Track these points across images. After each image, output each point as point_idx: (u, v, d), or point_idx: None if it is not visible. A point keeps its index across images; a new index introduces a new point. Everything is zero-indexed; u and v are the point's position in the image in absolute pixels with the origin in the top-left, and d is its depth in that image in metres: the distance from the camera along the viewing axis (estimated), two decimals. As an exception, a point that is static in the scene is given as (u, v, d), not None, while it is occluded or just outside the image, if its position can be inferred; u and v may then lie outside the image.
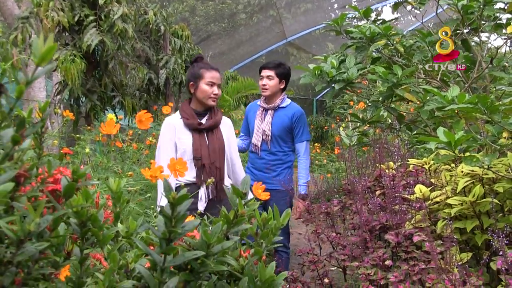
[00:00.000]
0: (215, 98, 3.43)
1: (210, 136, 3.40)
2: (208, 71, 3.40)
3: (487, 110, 2.37)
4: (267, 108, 4.33)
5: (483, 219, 2.55)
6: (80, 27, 5.56)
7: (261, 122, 4.32)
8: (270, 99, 4.33)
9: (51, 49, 0.63)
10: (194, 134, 3.34)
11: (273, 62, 4.41)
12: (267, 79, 4.30)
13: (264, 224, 0.90)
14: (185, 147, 3.32)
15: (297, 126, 4.30)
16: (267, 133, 4.26)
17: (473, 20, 3.40)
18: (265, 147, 4.31)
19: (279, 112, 4.31)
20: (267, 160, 4.30)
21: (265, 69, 4.34)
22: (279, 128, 4.26)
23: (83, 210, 0.82)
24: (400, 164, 3.40)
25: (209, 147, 3.35)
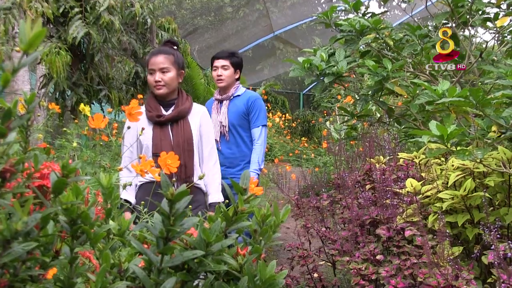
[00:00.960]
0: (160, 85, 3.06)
1: (174, 128, 3.08)
2: (150, 58, 3.09)
3: (479, 103, 2.36)
4: (221, 99, 4.17)
5: (474, 213, 2.54)
6: (65, 19, 5.47)
7: (218, 115, 4.14)
8: (225, 89, 4.17)
9: (39, 34, 0.59)
10: (155, 128, 3.05)
11: (225, 51, 4.23)
12: (222, 69, 4.14)
13: (263, 221, 0.87)
14: (147, 142, 3.03)
15: (252, 110, 4.14)
16: (224, 124, 4.10)
17: (462, 13, 3.39)
18: (224, 140, 4.14)
19: (234, 100, 4.17)
20: (228, 154, 4.12)
21: (218, 59, 4.17)
22: (236, 116, 4.11)
23: (73, 207, 0.78)
24: (390, 158, 3.39)
25: (172, 141, 3.04)
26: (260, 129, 4.13)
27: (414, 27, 3.52)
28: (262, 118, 4.16)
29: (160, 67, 3.03)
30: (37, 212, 0.75)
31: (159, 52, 3.09)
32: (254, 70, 16.71)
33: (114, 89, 6.12)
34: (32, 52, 0.59)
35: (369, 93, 3.65)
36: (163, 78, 3.04)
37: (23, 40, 0.59)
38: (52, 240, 0.78)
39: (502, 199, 2.56)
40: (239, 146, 4.13)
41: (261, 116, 4.16)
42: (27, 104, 1.05)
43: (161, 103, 3.12)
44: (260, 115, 4.15)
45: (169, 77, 3.06)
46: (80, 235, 0.81)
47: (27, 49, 0.59)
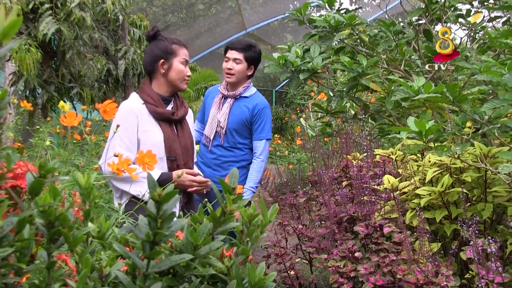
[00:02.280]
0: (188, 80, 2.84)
1: (179, 129, 2.78)
2: (181, 48, 2.77)
3: (456, 99, 2.36)
4: (226, 95, 3.64)
5: (451, 209, 2.55)
6: (35, 15, 5.33)
7: (218, 111, 3.63)
8: (233, 86, 3.63)
9: (15, 23, 0.54)
10: (165, 126, 2.69)
11: (242, 42, 3.65)
12: (234, 62, 3.57)
13: (250, 221, 0.83)
14: (154, 143, 2.62)
15: (257, 120, 3.62)
16: (222, 125, 3.60)
17: (435, 10, 3.41)
18: (218, 140, 3.63)
19: (240, 101, 3.63)
20: (218, 156, 3.63)
21: (232, 49, 3.60)
22: (236, 121, 3.59)
23: (50, 209, 0.73)
24: (366, 154, 3.38)
25: (180, 143, 2.75)
26: (264, 143, 3.67)
27: (388, 23, 3.53)
28: (267, 130, 3.68)
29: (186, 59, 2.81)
30: (13, 215, 0.70)
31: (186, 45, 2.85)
32: (227, 67, 16.59)
33: (86, 87, 6.01)
34: (6, 43, 0.55)
35: (344, 90, 3.64)
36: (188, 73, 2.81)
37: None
38: (28, 245, 0.73)
39: (479, 194, 2.58)
40: (232, 151, 3.65)
41: (267, 128, 3.68)
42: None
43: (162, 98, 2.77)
44: (265, 126, 3.67)
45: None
46: (58, 238, 0.77)
47: (1, 40, 0.54)
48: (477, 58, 3.53)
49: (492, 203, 2.48)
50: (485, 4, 3.53)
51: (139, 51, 7.06)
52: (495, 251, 2.11)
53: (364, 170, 3.09)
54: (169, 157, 2.67)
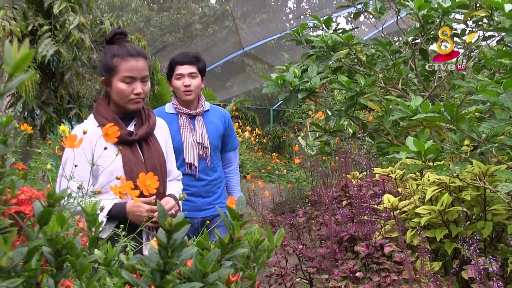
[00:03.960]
0: (139, 98, 2.38)
1: (145, 149, 2.44)
2: (124, 61, 2.32)
3: (453, 118, 2.38)
4: (195, 114, 3.35)
5: (451, 228, 2.55)
6: (34, 37, 5.37)
7: (192, 134, 3.31)
8: (192, 103, 3.36)
9: (27, 56, 0.55)
10: (124, 149, 2.35)
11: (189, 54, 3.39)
12: (190, 77, 3.32)
13: (256, 246, 0.84)
14: (113, 168, 2.28)
15: (229, 130, 3.52)
16: (206, 145, 3.32)
17: (431, 29, 3.44)
18: (203, 164, 3.34)
19: (206, 117, 3.42)
20: (209, 181, 3.36)
21: (183, 64, 3.32)
22: (216, 136, 3.40)
23: (58, 238, 0.74)
24: (366, 173, 3.40)
25: (146, 165, 2.41)
26: (236, 152, 3.62)
27: (385, 42, 3.56)
28: (236, 138, 3.63)
29: (143, 75, 2.37)
30: (21, 246, 0.70)
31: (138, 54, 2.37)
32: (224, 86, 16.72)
33: (84, 108, 6.03)
34: (18, 75, 0.56)
35: (343, 109, 3.66)
36: (144, 89, 2.40)
37: (9, 63, 0.55)
38: (35, 274, 0.74)
39: (478, 212, 2.59)
40: (215, 171, 3.44)
41: (235, 136, 3.62)
42: (3, 127, 1.01)
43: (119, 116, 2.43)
44: (234, 134, 3.60)
45: (148, 87, 2.45)
46: (65, 267, 0.77)
47: (13, 72, 0.56)
48: (473, 76, 3.56)
49: (492, 221, 2.49)
50: (479, 24, 3.57)
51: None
52: (496, 270, 2.11)
53: (364, 189, 3.10)
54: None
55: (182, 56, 3.37)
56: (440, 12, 3.23)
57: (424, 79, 3.87)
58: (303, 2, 19.93)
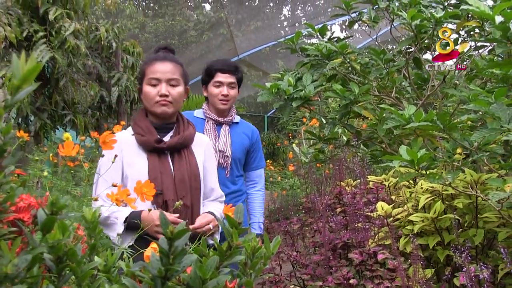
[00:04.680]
0: (167, 101, 2.32)
1: (177, 159, 2.35)
2: (150, 65, 2.34)
3: (446, 127, 2.41)
4: (223, 121, 3.28)
5: (444, 235, 2.58)
6: (29, 43, 5.39)
7: (215, 140, 3.20)
8: (225, 112, 3.31)
9: (34, 69, 0.58)
10: (151, 157, 2.30)
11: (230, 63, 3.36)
12: (229, 87, 3.26)
13: (253, 253, 0.86)
14: (138, 176, 2.17)
15: (256, 148, 3.42)
16: (227, 154, 3.20)
17: (424, 39, 3.48)
18: (222, 174, 3.18)
19: (234, 128, 3.36)
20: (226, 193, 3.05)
21: (224, 72, 3.25)
22: (240, 149, 3.30)
23: (59, 245, 0.76)
24: (359, 181, 3.42)
25: (174, 175, 2.31)
26: (262, 172, 3.46)
27: (379, 51, 3.60)
28: (263, 158, 3.49)
29: (169, 78, 2.32)
30: (25, 253, 0.72)
31: (165, 58, 2.37)
32: (219, 93, 16.66)
33: (79, 114, 6.05)
34: (26, 87, 0.59)
35: (337, 117, 3.69)
36: (171, 92, 2.32)
37: (17, 75, 0.58)
38: (37, 280, 0.76)
39: (470, 220, 2.62)
40: (235, 184, 3.28)
41: (262, 156, 3.48)
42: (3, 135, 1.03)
43: (156, 127, 2.39)
44: (261, 154, 3.47)
45: (178, 92, 2.35)
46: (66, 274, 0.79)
47: (21, 84, 0.58)
48: (465, 85, 3.60)
49: (483, 229, 2.52)
50: (471, 34, 3.62)
51: (132, 78, 7.12)
52: (487, 277, 2.14)
53: (358, 196, 3.13)
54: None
55: (223, 63, 3.31)
56: (433, 22, 3.27)
57: (418, 87, 3.90)
58: (298, 10, 20.03)
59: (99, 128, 6.88)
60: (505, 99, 2.41)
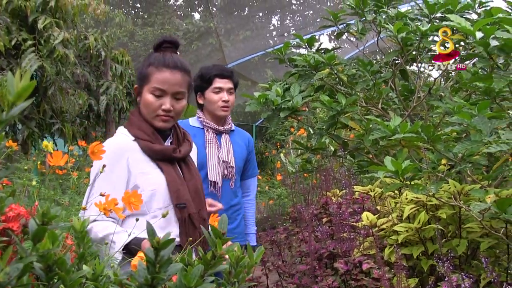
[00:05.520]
0: (167, 116, 2.10)
1: (185, 169, 2.19)
2: (158, 71, 2.07)
3: (430, 139, 2.46)
4: (223, 130, 3.14)
5: (428, 245, 2.62)
6: (17, 51, 5.39)
7: (218, 150, 3.04)
8: (223, 119, 3.19)
9: (28, 86, 0.60)
10: (166, 167, 2.09)
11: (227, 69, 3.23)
12: (228, 93, 3.14)
13: (237, 262, 0.89)
14: (154, 187, 2.04)
15: (252, 156, 3.33)
16: (232, 165, 3.06)
17: (410, 51, 3.54)
18: (227, 186, 3.05)
19: (232, 137, 3.23)
20: (231, 206, 3.07)
21: (223, 78, 3.13)
22: (241, 158, 3.19)
23: (50, 254, 0.78)
24: (345, 191, 3.46)
25: (188, 187, 2.13)
26: (255, 180, 3.38)
27: (366, 62, 3.65)
28: (256, 165, 3.40)
29: (176, 91, 2.09)
30: (16, 261, 0.75)
31: (175, 66, 2.10)
32: (207, 102, 16.68)
33: (67, 123, 6.04)
34: (20, 103, 0.61)
35: (324, 127, 3.73)
36: (175, 106, 2.11)
37: (11, 92, 0.60)
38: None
39: (454, 230, 2.66)
40: (237, 196, 3.17)
41: (256, 163, 3.40)
42: (-7, 145, 1.05)
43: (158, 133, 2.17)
44: (255, 161, 3.38)
45: (182, 106, 2.15)
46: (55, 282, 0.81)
47: (15, 101, 0.60)
48: (450, 97, 3.65)
49: (467, 239, 2.56)
50: (456, 47, 3.68)
51: (120, 86, 7.13)
52: (468, 286, 2.17)
53: (344, 207, 3.17)
54: (177, 204, 2.05)
55: (221, 69, 3.18)
56: (419, 35, 3.32)
57: (404, 99, 3.96)
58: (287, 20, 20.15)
59: (87, 137, 6.88)
60: (488, 111, 2.46)
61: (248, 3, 16.81)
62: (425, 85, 3.90)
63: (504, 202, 2.09)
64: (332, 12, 3.92)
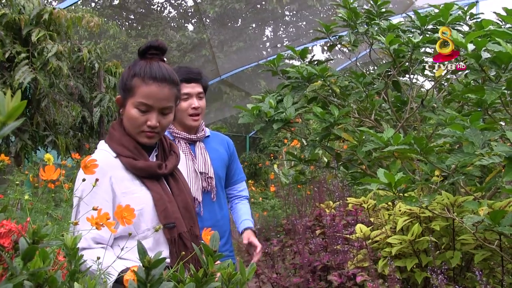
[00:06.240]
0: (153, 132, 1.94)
1: (173, 184, 2.02)
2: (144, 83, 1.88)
3: (422, 151, 2.46)
4: (196, 139, 2.81)
5: (421, 257, 2.61)
6: (10, 63, 5.38)
7: (193, 162, 2.75)
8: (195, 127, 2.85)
9: (19, 106, 0.60)
10: (151, 184, 1.94)
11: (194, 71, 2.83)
12: (198, 98, 2.79)
13: (229, 279, 0.88)
14: (142, 207, 1.88)
15: (234, 159, 3.01)
16: (210, 175, 2.76)
17: (403, 62, 3.56)
18: (209, 199, 2.77)
19: (209, 143, 2.91)
20: (215, 221, 2.76)
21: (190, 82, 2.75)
22: (221, 165, 2.87)
23: (40, 273, 0.77)
24: (339, 203, 3.46)
25: (177, 202, 1.98)
26: (245, 184, 3.11)
27: (359, 74, 3.66)
28: (242, 170, 3.12)
29: (163, 106, 1.92)
30: (6, 281, 0.74)
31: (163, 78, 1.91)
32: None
33: (60, 135, 6.02)
34: (11, 123, 0.61)
35: (317, 139, 3.73)
36: (161, 122, 1.94)
37: (3, 112, 0.60)
38: (17, 307, 0.77)
39: (447, 242, 2.66)
40: (222, 208, 2.86)
41: (241, 168, 3.12)
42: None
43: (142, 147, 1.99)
44: (240, 165, 3.11)
45: (169, 120, 1.99)
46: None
47: (6, 121, 0.60)
48: (443, 108, 3.67)
49: (461, 251, 2.56)
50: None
51: (114, 98, 7.12)
52: (463, 299, 2.17)
53: (337, 219, 3.16)
54: (166, 224, 1.90)
55: (187, 71, 2.78)
56: (411, 47, 3.34)
57: (397, 110, 3.97)
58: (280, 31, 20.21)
59: (80, 149, 6.85)
60: (480, 123, 2.47)
61: (241, 15, 16.87)
62: (417, 96, 3.92)
63: (497, 214, 2.10)
64: (324, 24, 3.94)
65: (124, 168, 1.93)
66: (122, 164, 1.93)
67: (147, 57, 1.97)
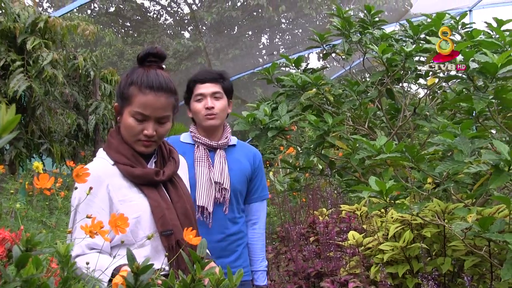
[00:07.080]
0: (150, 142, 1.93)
1: (172, 191, 2.00)
2: (140, 92, 1.87)
3: (414, 159, 2.49)
4: (216, 146, 2.67)
5: (413, 263, 2.64)
6: (5, 72, 5.39)
7: (209, 170, 2.60)
8: (215, 131, 2.71)
9: (14, 120, 0.63)
10: (149, 192, 1.92)
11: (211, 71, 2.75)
12: (213, 98, 2.66)
13: (217, 285, 0.91)
14: (140, 214, 1.87)
15: (258, 175, 2.81)
16: (225, 186, 2.60)
17: (396, 71, 3.59)
18: (220, 212, 2.61)
19: (231, 153, 2.74)
20: (226, 236, 2.62)
21: (204, 82, 2.66)
22: (240, 178, 2.69)
23: (33, 279, 0.79)
24: (332, 210, 3.49)
25: (176, 209, 1.96)
26: (264, 205, 2.86)
27: (353, 82, 3.70)
28: (266, 187, 2.88)
29: (160, 116, 1.92)
30: (1, 287, 0.76)
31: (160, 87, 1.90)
32: (197, 120, 16.71)
33: (55, 143, 6.03)
34: (5, 135, 0.63)
35: (311, 147, 3.76)
36: (158, 131, 1.94)
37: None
38: (11, 313, 0.79)
39: (439, 249, 2.68)
40: (235, 223, 2.69)
41: (265, 184, 2.87)
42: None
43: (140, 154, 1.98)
44: (264, 182, 2.86)
45: (166, 129, 1.97)
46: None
47: (1, 134, 0.63)
48: (435, 116, 3.71)
49: (451, 257, 2.59)
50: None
51: (109, 106, 7.13)
52: (453, 305, 2.20)
53: (331, 226, 3.19)
54: (163, 232, 1.87)
55: (203, 73, 2.73)
56: (403, 56, 3.38)
57: (391, 118, 4.01)
58: (276, 39, 20.29)
59: (75, 156, 6.86)
60: (470, 131, 2.50)
61: (237, 22, 16.94)
62: (411, 104, 3.96)
63: (486, 220, 2.13)
64: (318, 33, 3.98)
65: (121, 175, 1.93)
66: (120, 172, 1.93)
67: (146, 64, 1.98)
